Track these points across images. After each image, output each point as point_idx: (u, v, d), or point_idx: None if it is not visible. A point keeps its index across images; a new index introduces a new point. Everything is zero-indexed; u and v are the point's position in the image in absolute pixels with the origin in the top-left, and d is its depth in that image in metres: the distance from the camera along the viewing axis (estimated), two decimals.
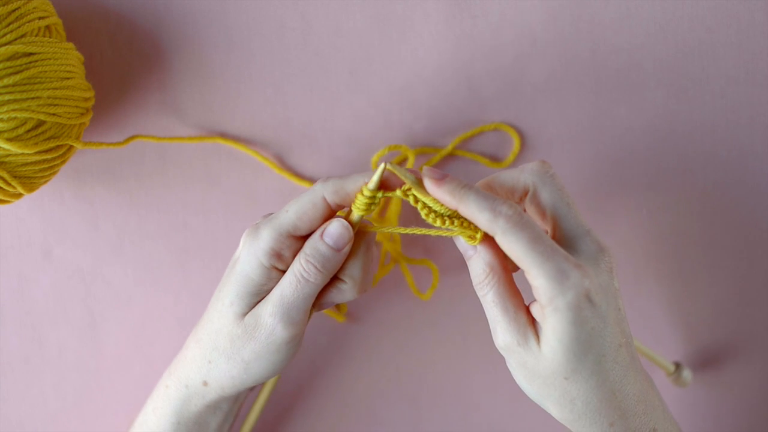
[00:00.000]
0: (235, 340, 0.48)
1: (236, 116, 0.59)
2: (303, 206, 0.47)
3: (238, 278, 0.47)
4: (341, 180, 0.47)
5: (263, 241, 0.47)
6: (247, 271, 0.47)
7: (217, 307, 0.49)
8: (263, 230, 0.47)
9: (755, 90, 0.60)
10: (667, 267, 0.62)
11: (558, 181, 0.46)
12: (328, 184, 0.47)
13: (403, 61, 0.58)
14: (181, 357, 0.51)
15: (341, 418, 0.62)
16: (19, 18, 0.49)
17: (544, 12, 0.58)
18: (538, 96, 0.59)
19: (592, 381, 0.43)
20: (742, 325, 0.63)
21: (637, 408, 0.45)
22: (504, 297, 0.45)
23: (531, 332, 0.44)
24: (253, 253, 0.47)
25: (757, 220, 0.61)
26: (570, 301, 0.42)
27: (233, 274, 0.48)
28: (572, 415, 0.45)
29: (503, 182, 0.46)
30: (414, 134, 0.59)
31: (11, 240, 0.59)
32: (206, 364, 0.49)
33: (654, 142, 0.60)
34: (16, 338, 0.60)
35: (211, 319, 0.49)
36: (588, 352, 0.43)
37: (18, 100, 0.48)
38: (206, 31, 0.58)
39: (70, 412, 0.60)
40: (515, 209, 0.43)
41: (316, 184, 0.47)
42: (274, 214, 0.48)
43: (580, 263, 0.43)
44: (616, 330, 0.44)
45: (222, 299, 0.48)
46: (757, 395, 0.63)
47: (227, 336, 0.48)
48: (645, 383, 0.46)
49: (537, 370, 0.44)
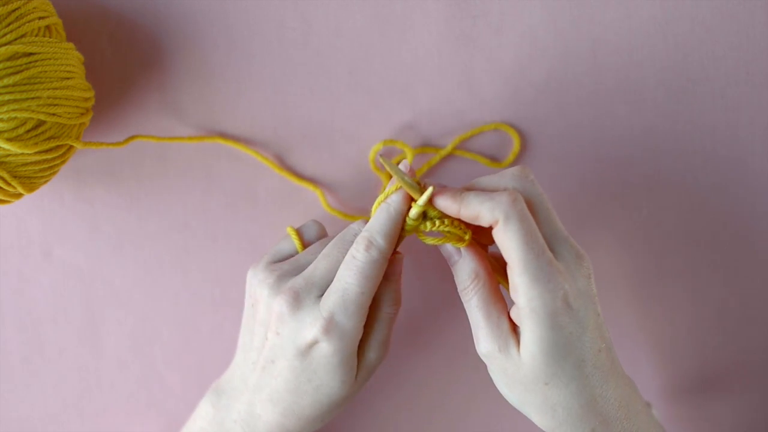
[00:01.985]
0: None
1: (236, 116, 0.59)
2: (374, 283, 0.46)
3: (342, 368, 0.47)
4: (388, 234, 0.46)
5: (354, 334, 0.47)
6: (346, 356, 0.47)
7: (320, 391, 0.48)
8: (347, 320, 0.46)
9: (755, 90, 0.60)
10: (667, 267, 0.62)
11: (537, 187, 0.46)
12: (384, 247, 0.46)
13: (403, 61, 0.58)
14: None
15: (341, 417, 0.62)
16: (19, 18, 0.49)
17: (544, 12, 0.58)
18: (538, 96, 0.59)
19: (572, 386, 0.43)
20: (742, 326, 0.63)
21: (619, 413, 0.45)
22: (488, 302, 0.45)
23: (512, 339, 0.44)
24: (347, 342, 0.46)
25: (757, 220, 0.61)
26: (547, 304, 0.42)
27: (329, 367, 0.47)
28: (554, 422, 0.45)
29: (485, 187, 0.47)
30: (414, 134, 0.59)
31: (11, 240, 0.59)
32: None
33: (654, 142, 0.60)
34: (16, 338, 0.60)
35: (316, 401, 0.49)
36: (567, 357, 0.43)
37: (18, 100, 0.48)
38: (206, 31, 0.58)
39: (70, 412, 0.60)
40: (516, 196, 0.44)
41: (368, 251, 0.46)
42: (341, 294, 0.46)
43: (561, 269, 0.43)
44: (596, 335, 0.44)
45: (327, 383, 0.48)
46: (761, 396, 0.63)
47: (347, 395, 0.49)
48: (627, 388, 0.46)
49: (517, 376, 0.44)
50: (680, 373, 0.63)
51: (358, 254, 0.46)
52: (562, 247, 0.45)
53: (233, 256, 0.59)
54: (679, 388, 0.63)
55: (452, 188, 0.46)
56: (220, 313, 0.60)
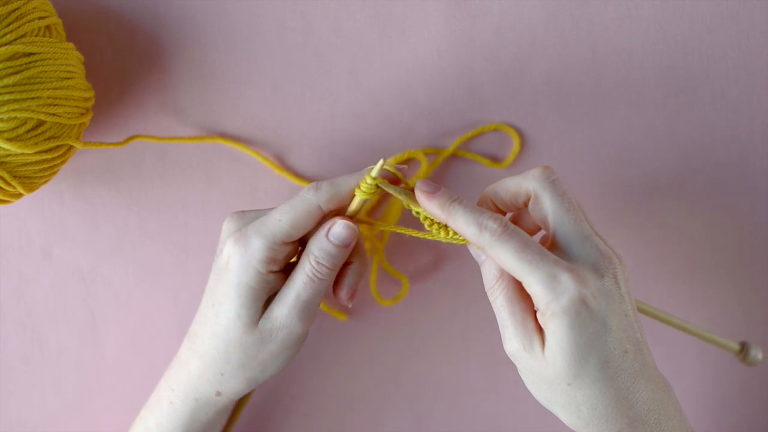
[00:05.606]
0: (250, 347, 0.48)
1: (236, 116, 0.59)
2: (298, 216, 0.47)
3: (238, 290, 0.47)
4: (334, 186, 0.47)
5: (258, 251, 0.47)
6: (245, 281, 0.47)
7: (218, 320, 0.48)
8: (255, 239, 0.47)
9: (755, 90, 0.60)
10: (667, 267, 0.62)
11: (559, 187, 0.46)
12: (322, 192, 0.47)
13: (403, 61, 0.58)
14: (183, 372, 0.51)
15: (341, 417, 0.62)
16: (19, 18, 0.49)
17: (544, 12, 0.58)
18: (538, 96, 0.59)
19: (595, 387, 0.43)
20: (743, 326, 0.63)
21: (648, 417, 0.44)
22: (513, 302, 0.45)
23: (537, 338, 0.44)
24: (247, 263, 0.47)
25: (757, 220, 0.61)
26: (565, 306, 0.42)
27: (228, 285, 0.48)
28: (580, 421, 0.45)
29: (507, 188, 0.47)
30: (414, 134, 0.59)
31: (11, 240, 0.59)
32: (218, 376, 0.49)
33: (654, 142, 0.60)
34: (16, 338, 0.60)
35: (214, 333, 0.49)
36: (588, 357, 0.43)
37: (18, 100, 0.48)
38: (206, 31, 0.58)
39: (70, 412, 0.60)
40: (500, 222, 0.44)
41: (307, 192, 0.47)
42: (262, 220, 0.47)
43: (573, 267, 0.43)
44: (621, 336, 0.43)
45: (224, 312, 0.48)
46: None
47: (240, 347, 0.48)
48: (659, 392, 0.45)
49: (543, 375, 0.44)
50: (680, 373, 0.63)
51: (305, 193, 0.47)
52: (582, 247, 0.45)
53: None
54: (678, 388, 0.63)
55: (443, 194, 0.46)
56: None
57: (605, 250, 0.45)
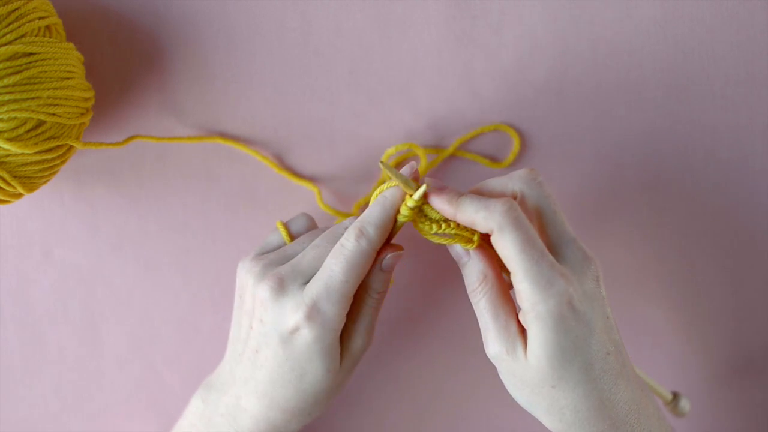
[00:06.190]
0: (339, 385, 0.50)
1: (236, 116, 0.59)
2: (361, 272, 0.46)
3: (324, 352, 0.47)
4: (380, 229, 0.46)
5: (336, 318, 0.46)
6: (329, 342, 0.47)
7: (304, 380, 0.48)
8: (329, 308, 0.46)
9: (755, 90, 0.60)
10: (668, 267, 0.62)
11: (545, 189, 0.46)
12: (373, 238, 0.46)
13: (403, 61, 0.58)
14: (262, 424, 0.50)
15: (341, 417, 0.62)
16: (19, 18, 0.49)
17: (544, 12, 0.58)
18: (538, 96, 0.59)
19: (579, 390, 0.43)
20: (742, 326, 0.63)
21: (629, 417, 0.44)
22: (496, 305, 0.45)
23: (520, 341, 0.44)
24: (329, 328, 0.47)
25: (757, 220, 0.61)
26: (551, 309, 0.42)
27: (310, 351, 0.47)
28: (562, 425, 0.45)
29: (492, 189, 0.47)
30: (414, 134, 0.59)
31: (11, 240, 0.59)
32: (306, 417, 0.50)
33: (654, 142, 0.60)
34: (16, 338, 0.60)
35: (301, 390, 0.48)
36: (573, 360, 0.43)
37: (18, 100, 0.48)
38: (206, 31, 0.58)
39: (70, 412, 0.61)
40: (510, 204, 0.43)
41: (357, 241, 0.46)
42: (324, 282, 0.46)
43: (565, 271, 0.43)
44: (604, 338, 0.44)
45: (311, 372, 0.48)
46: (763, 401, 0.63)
47: (330, 391, 0.49)
48: (637, 392, 0.45)
49: (525, 379, 0.44)
50: (679, 373, 0.63)
51: (347, 243, 0.46)
52: (568, 250, 0.45)
53: (233, 256, 0.59)
54: (678, 388, 0.63)
55: (450, 190, 0.45)
56: (220, 313, 0.60)
57: (588, 251, 0.45)
